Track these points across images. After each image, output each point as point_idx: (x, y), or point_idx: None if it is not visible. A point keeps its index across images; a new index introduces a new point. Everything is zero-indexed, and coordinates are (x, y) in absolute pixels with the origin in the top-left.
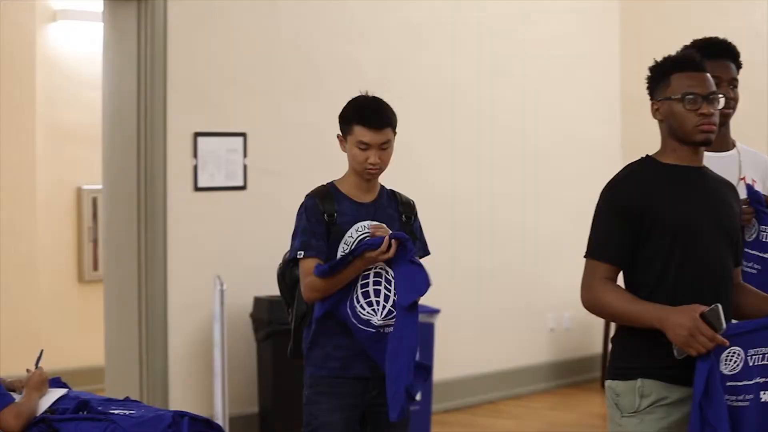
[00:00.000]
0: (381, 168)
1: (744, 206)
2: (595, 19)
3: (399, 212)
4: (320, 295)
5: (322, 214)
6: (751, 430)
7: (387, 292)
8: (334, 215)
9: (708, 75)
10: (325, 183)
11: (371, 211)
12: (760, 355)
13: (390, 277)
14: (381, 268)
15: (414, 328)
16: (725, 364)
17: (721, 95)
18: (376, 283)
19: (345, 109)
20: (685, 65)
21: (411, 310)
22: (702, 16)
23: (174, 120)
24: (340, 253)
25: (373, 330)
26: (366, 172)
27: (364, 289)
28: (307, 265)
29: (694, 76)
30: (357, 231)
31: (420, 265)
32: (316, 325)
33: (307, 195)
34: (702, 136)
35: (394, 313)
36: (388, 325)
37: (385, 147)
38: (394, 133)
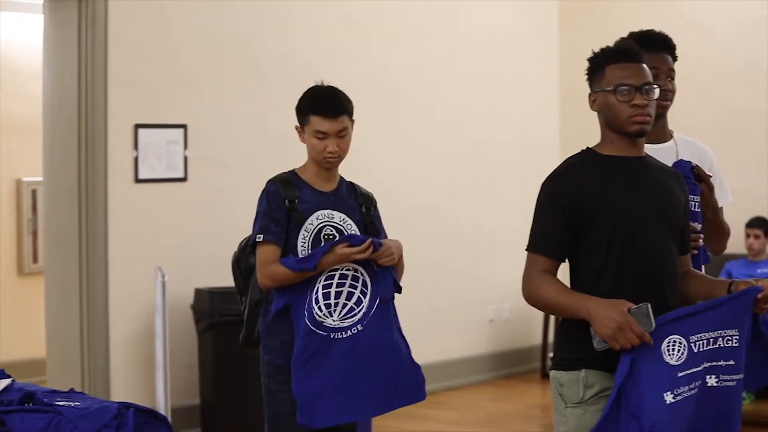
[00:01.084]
0: (340, 156)
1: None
2: (533, 13)
3: (359, 203)
4: (278, 285)
5: (283, 199)
6: (701, 415)
7: (351, 290)
8: (295, 201)
9: (643, 66)
10: (285, 171)
11: (331, 200)
12: (704, 341)
13: (358, 275)
14: (349, 270)
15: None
16: (669, 354)
17: (656, 86)
18: (339, 285)
19: (300, 100)
20: (619, 56)
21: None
22: (640, 10)
23: (114, 112)
24: (300, 241)
25: (324, 334)
26: (325, 161)
27: (326, 290)
28: (264, 251)
29: (627, 67)
30: (317, 219)
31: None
32: (274, 315)
33: (269, 180)
34: (636, 127)
35: (354, 312)
36: (342, 329)
37: (342, 135)
38: (352, 120)
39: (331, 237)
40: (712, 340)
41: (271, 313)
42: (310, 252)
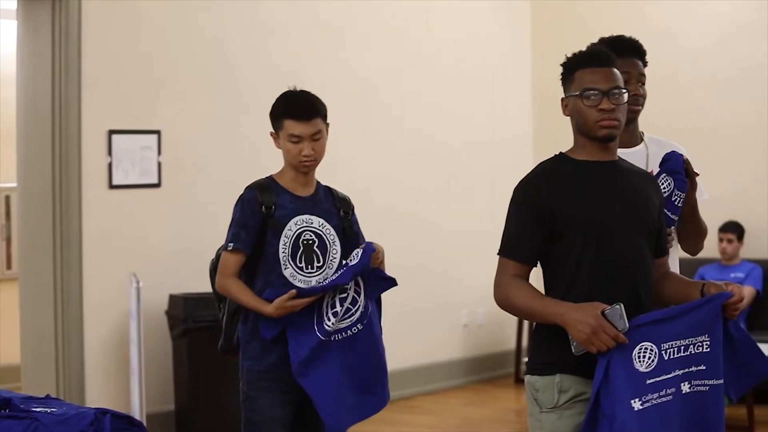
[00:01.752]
0: (316, 159)
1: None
2: (506, 16)
3: (336, 207)
4: (227, 296)
5: (260, 205)
6: (678, 423)
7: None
8: (272, 207)
9: (612, 70)
10: (263, 177)
11: (310, 204)
12: (675, 348)
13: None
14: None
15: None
16: (639, 361)
17: (624, 90)
18: (341, 291)
19: (274, 105)
20: (588, 61)
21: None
22: (613, 15)
23: (88, 118)
24: (281, 248)
25: (324, 339)
26: (302, 165)
27: (333, 310)
28: (227, 259)
29: (595, 71)
30: (296, 224)
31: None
32: (256, 320)
33: (246, 187)
34: (603, 132)
35: (351, 312)
36: (340, 330)
37: (317, 138)
38: (326, 123)
39: (310, 242)
40: (683, 347)
41: (250, 322)
42: (289, 259)
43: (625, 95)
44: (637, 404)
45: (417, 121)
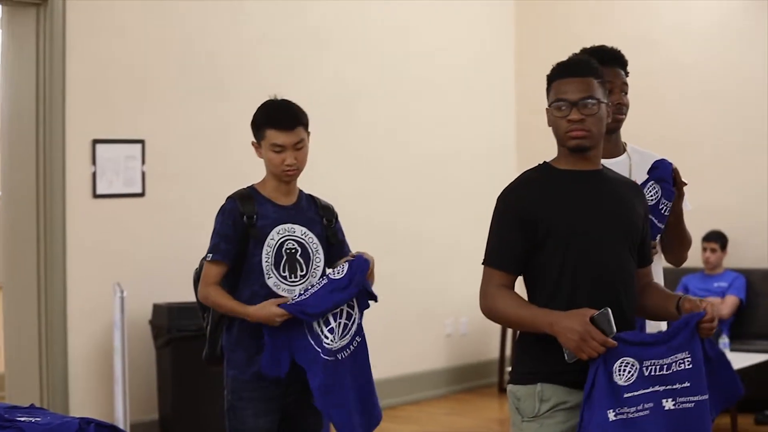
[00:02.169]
0: (299, 168)
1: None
2: (490, 27)
3: (319, 215)
4: (210, 305)
5: (241, 215)
6: None
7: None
8: (254, 217)
9: (584, 80)
10: (245, 186)
11: (292, 213)
12: (656, 366)
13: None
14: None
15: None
16: (619, 375)
17: (595, 101)
18: (334, 315)
19: (255, 115)
20: (561, 71)
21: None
22: (596, 25)
23: (72, 127)
24: (264, 257)
25: (332, 359)
26: (284, 174)
27: (329, 326)
28: (209, 269)
29: (567, 82)
30: (278, 233)
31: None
32: (241, 329)
33: (227, 197)
34: (572, 143)
35: (348, 326)
36: (343, 348)
37: (299, 147)
38: (307, 132)
39: (293, 251)
40: (665, 366)
41: (235, 330)
42: (272, 268)
43: (598, 106)
44: (611, 415)
45: (401, 131)
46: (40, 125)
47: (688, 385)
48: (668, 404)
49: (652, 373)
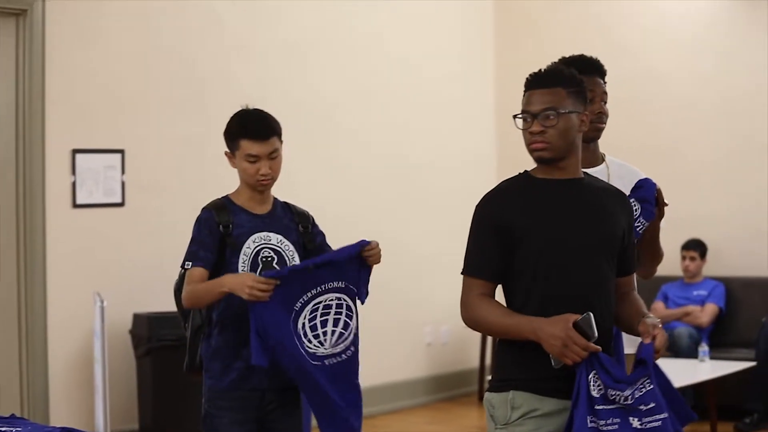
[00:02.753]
0: (273, 177)
1: None
2: (469, 36)
3: (295, 222)
4: (192, 304)
5: (217, 225)
6: None
7: (337, 317)
8: (230, 227)
9: (546, 91)
10: (219, 197)
11: (267, 222)
12: (620, 396)
13: (341, 302)
14: (331, 300)
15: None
16: (592, 386)
17: (553, 112)
18: (324, 314)
19: (228, 125)
20: (529, 83)
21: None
22: (574, 32)
23: (52, 137)
24: (240, 266)
25: (319, 363)
26: (259, 184)
27: (312, 323)
28: (192, 275)
29: (532, 94)
30: (254, 242)
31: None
32: (219, 339)
33: (203, 208)
34: (535, 155)
35: (344, 336)
36: (335, 355)
37: (273, 156)
38: (281, 141)
39: (269, 259)
40: (629, 397)
41: (213, 340)
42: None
43: (558, 117)
44: (589, 421)
45: (380, 140)
46: (19, 135)
47: (653, 405)
48: (635, 423)
49: (616, 400)
